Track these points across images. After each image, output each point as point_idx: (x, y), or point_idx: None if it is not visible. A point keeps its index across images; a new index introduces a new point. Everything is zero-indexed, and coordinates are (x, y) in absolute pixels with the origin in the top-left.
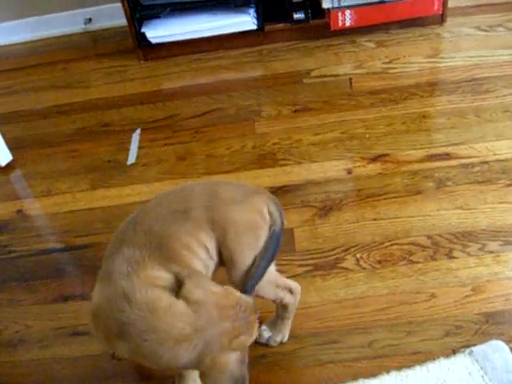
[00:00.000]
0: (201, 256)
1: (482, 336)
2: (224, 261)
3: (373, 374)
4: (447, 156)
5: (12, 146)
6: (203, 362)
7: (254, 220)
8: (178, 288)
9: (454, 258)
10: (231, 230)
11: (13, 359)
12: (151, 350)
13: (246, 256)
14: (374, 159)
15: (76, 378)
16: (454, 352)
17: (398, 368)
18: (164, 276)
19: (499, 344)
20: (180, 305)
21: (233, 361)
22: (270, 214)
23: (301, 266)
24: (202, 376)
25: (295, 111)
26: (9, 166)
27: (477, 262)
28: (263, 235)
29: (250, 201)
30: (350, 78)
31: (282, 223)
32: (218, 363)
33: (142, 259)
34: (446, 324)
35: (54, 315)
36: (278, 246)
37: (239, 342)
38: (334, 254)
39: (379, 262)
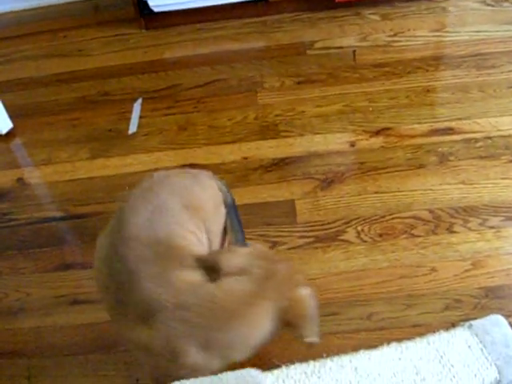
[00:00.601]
0: (199, 242)
1: (482, 310)
2: None
3: (372, 346)
4: (450, 131)
5: (12, 114)
6: (283, 312)
7: (216, 195)
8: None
9: (455, 232)
10: (206, 208)
11: (13, 327)
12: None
13: (219, 235)
14: (377, 132)
15: (76, 346)
16: (454, 325)
17: (398, 340)
18: (190, 273)
19: (499, 318)
20: (228, 280)
21: (307, 294)
22: (219, 187)
23: (302, 237)
24: (289, 325)
25: (298, 83)
26: (9, 134)
27: (477, 236)
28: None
29: (203, 180)
30: (354, 51)
31: (231, 194)
32: (298, 301)
33: (164, 269)
34: (445, 298)
35: (54, 283)
36: (238, 215)
37: (297, 278)
38: (336, 227)
39: (380, 235)
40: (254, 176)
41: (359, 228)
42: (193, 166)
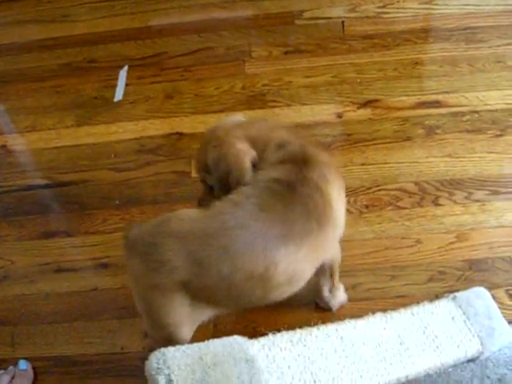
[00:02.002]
0: None
1: (465, 282)
2: None
3: (356, 316)
4: (438, 104)
5: None
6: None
7: None
8: None
9: (440, 205)
10: None
11: None
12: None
13: None
14: (365, 104)
15: (61, 313)
16: (438, 297)
17: (382, 311)
18: None
19: (482, 291)
20: None
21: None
22: None
23: None
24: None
25: (286, 53)
26: None
27: (462, 210)
28: None
29: None
30: (343, 22)
31: None
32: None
33: None
34: (429, 270)
35: (38, 251)
36: None
37: None
38: None
39: (366, 206)
40: None
41: (345, 199)
42: (179, 134)
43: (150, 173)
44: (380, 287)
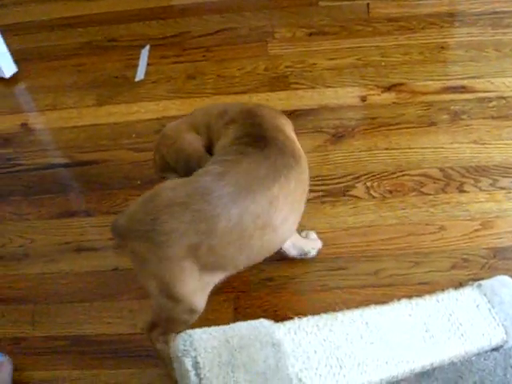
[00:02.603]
0: None
1: (489, 271)
2: None
3: (378, 302)
4: (463, 89)
5: (17, 58)
6: None
7: None
8: None
9: (465, 191)
10: None
11: (17, 273)
12: None
13: None
14: (389, 88)
15: (80, 293)
16: (461, 284)
17: (404, 297)
18: None
19: (507, 279)
20: None
21: None
22: None
23: (310, 191)
24: None
25: (310, 34)
26: (13, 79)
27: (487, 197)
28: None
29: None
30: (368, 4)
31: None
32: None
33: None
34: (453, 257)
35: (58, 230)
36: None
37: None
38: (345, 182)
39: (390, 191)
40: None
41: (368, 184)
42: None
43: None
44: (403, 273)
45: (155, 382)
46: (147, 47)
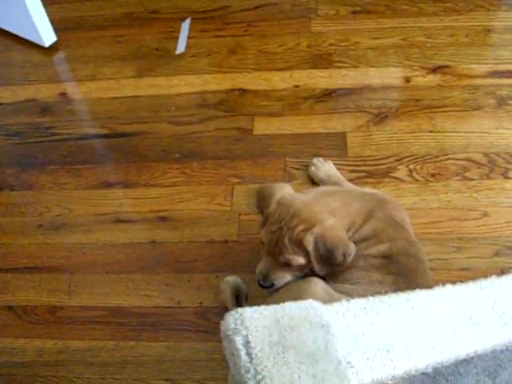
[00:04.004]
0: None
1: None
2: None
3: None
4: (510, 74)
5: (56, 26)
6: None
7: None
8: None
9: (510, 178)
10: None
11: (54, 242)
12: None
13: None
14: (434, 70)
15: (118, 264)
16: (503, 272)
17: (446, 282)
18: None
19: None
20: None
21: None
22: None
23: (353, 171)
24: None
25: (354, 12)
26: (52, 48)
27: None
28: None
29: None
30: None
31: None
32: None
33: None
34: (496, 243)
35: (96, 201)
36: None
37: None
38: (387, 163)
39: (433, 175)
40: (305, 105)
41: (411, 166)
42: (242, 90)
43: (211, 128)
44: (444, 258)
45: (191, 356)
46: (188, 20)
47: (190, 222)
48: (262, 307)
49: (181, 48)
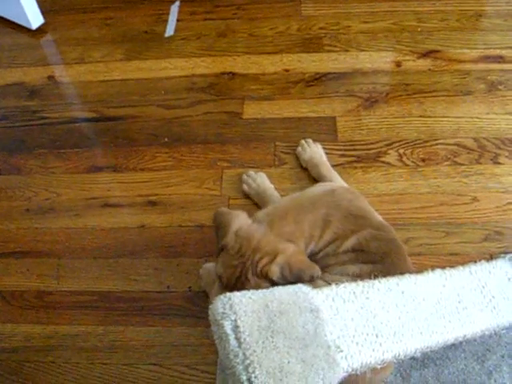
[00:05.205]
0: None
1: None
2: None
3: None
4: (501, 59)
5: (44, 8)
6: None
7: None
8: None
9: (500, 163)
10: None
11: (43, 226)
12: None
13: None
14: (425, 54)
15: (107, 249)
16: (492, 257)
17: (435, 267)
18: None
19: None
20: None
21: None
22: None
23: (342, 156)
24: None
25: None
26: (40, 30)
27: None
28: None
29: None
30: None
31: None
32: None
33: None
34: (485, 228)
35: (85, 185)
36: None
37: None
38: (377, 148)
39: (423, 159)
40: (295, 89)
41: (401, 151)
42: (231, 74)
43: (201, 112)
44: (433, 243)
45: (181, 341)
46: (177, 3)
47: (179, 206)
48: (251, 292)
49: (170, 31)
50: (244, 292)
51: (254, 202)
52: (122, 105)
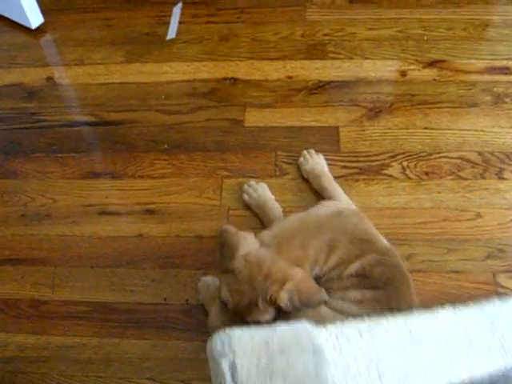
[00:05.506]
0: None
1: None
2: None
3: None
4: (508, 70)
5: (44, 8)
6: None
7: None
8: None
9: (504, 179)
10: None
11: (38, 233)
12: None
13: None
14: (431, 64)
15: (103, 258)
16: (494, 275)
17: (437, 285)
18: None
19: None
20: None
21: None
22: None
23: (344, 167)
24: None
25: (350, 1)
26: (39, 30)
27: None
28: None
29: None
30: None
31: None
32: None
33: None
34: (488, 246)
35: (82, 191)
36: None
37: None
38: (380, 160)
39: (426, 173)
40: (298, 97)
41: (405, 164)
42: (234, 80)
43: (202, 118)
44: (436, 260)
45: (176, 355)
46: (179, 5)
47: (178, 215)
48: (253, 329)
49: (171, 34)
50: (245, 329)
51: (254, 214)
52: (122, 109)
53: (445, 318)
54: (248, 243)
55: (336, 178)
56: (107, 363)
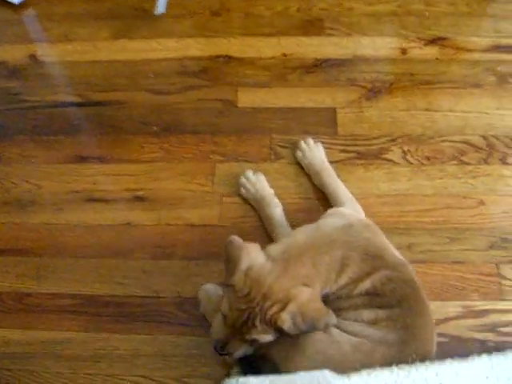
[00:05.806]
0: None
1: None
2: None
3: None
4: None
5: None
6: None
7: None
8: None
9: (509, 164)
10: None
11: (22, 221)
12: None
13: None
14: (432, 41)
15: (91, 248)
16: (497, 266)
17: (439, 276)
18: None
19: None
20: None
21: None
22: None
23: (343, 151)
24: None
25: None
26: (22, 4)
27: None
28: None
29: None
30: None
31: None
32: None
33: None
34: (491, 235)
35: (68, 177)
36: None
37: None
38: (380, 143)
39: (428, 158)
40: (293, 76)
41: (405, 148)
42: (227, 57)
43: (193, 98)
44: (437, 250)
45: (167, 350)
46: None
47: (168, 202)
48: (272, 376)
49: (161, 8)
50: (262, 378)
51: (249, 202)
52: (109, 88)
53: (479, 369)
54: (251, 257)
55: (334, 162)
56: (96, 359)
